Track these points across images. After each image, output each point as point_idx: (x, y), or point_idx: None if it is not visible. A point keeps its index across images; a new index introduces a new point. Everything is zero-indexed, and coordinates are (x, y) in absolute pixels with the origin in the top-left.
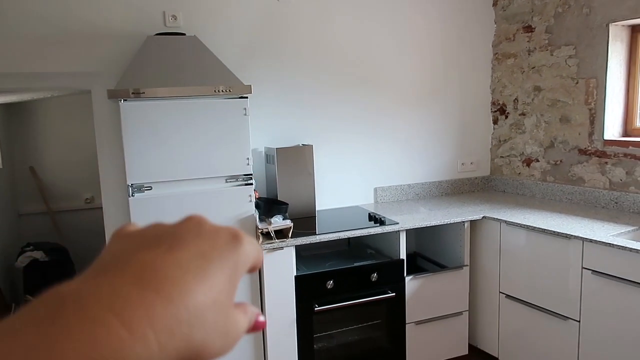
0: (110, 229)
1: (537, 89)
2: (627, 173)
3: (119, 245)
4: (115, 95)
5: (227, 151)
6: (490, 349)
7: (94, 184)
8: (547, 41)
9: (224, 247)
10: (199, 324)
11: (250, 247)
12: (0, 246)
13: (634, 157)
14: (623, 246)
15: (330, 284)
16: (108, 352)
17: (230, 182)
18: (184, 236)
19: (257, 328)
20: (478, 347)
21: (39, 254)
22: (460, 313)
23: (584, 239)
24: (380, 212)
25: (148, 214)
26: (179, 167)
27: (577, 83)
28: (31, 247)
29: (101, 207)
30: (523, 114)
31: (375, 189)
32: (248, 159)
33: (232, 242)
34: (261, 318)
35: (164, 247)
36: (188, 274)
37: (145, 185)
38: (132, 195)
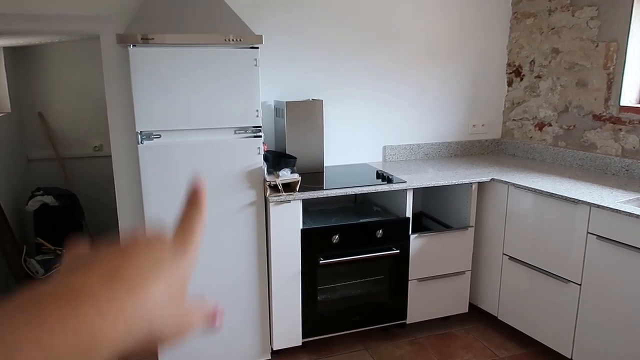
0: (119, 176)
1: (555, 51)
2: None
3: (75, 255)
4: (124, 40)
5: (236, 102)
6: (490, 308)
7: (102, 132)
8: (569, 1)
9: (172, 260)
10: (157, 314)
11: (192, 257)
12: (11, 190)
13: None
14: (630, 212)
15: (335, 238)
16: (86, 334)
17: (239, 133)
18: (135, 248)
19: (214, 320)
20: (478, 306)
21: (48, 199)
22: (462, 272)
23: (591, 204)
24: (388, 171)
25: (157, 163)
26: (188, 116)
27: (597, 46)
28: (41, 191)
29: (109, 156)
30: (539, 77)
31: (384, 148)
32: (257, 110)
33: (177, 255)
34: (217, 311)
35: (120, 254)
36: (146, 275)
37: (154, 133)
38: (141, 143)
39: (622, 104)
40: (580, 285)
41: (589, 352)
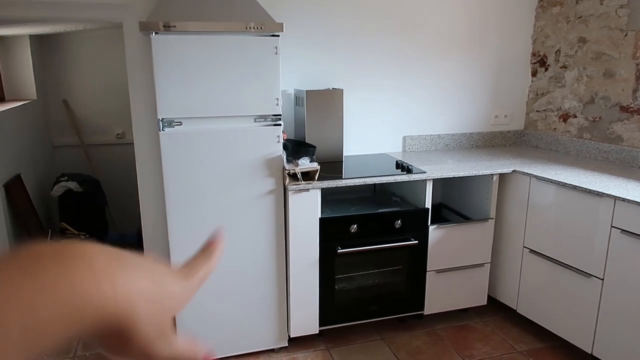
0: (141, 163)
1: (582, 40)
2: None
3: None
4: (147, 27)
5: (256, 90)
6: (509, 301)
7: (125, 120)
8: None
9: (169, 275)
10: (140, 306)
11: (186, 290)
12: (37, 175)
13: None
14: None
15: (354, 228)
16: (77, 296)
17: (259, 121)
18: (143, 258)
19: None
20: (497, 298)
21: (73, 185)
22: (482, 265)
23: (616, 198)
24: (408, 161)
25: (178, 150)
26: (208, 104)
27: (625, 35)
28: (65, 177)
29: (131, 143)
30: (564, 67)
31: (404, 138)
32: (277, 99)
33: (175, 276)
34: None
35: (126, 253)
36: (143, 271)
37: (175, 121)
38: (163, 130)
39: None
40: (602, 279)
41: (610, 348)
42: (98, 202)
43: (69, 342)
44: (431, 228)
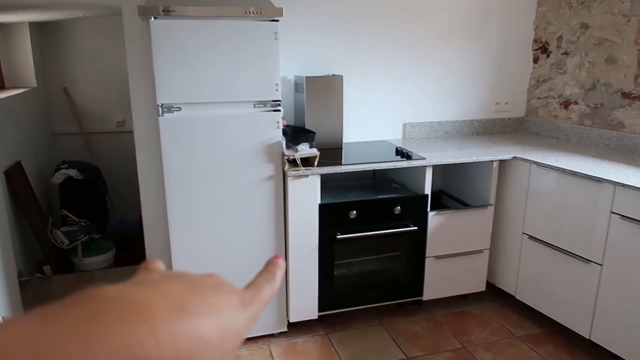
0: (140, 149)
1: (584, 26)
2: None
3: (150, 274)
4: (145, 12)
5: (256, 75)
6: (508, 287)
7: (125, 107)
8: None
9: (236, 307)
10: (199, 354)
11: (253, 315)
12: (38, 163)
13: None
14: None
15: (353, 214)
16: (136, 353)
17: (259, 107)
18: (206, 286)
19: None
20: (496, 285)
21: (73, 172)
22: (481, 251)
23: (616, 183)
24: (408, 148)
25: (177, 136)
26: (208, 89)
27: (629, 21)
28: (66, 165)
29: (131, 131)
30: (566, 53)
31: (404, 125)
32: (277, 84)
33: (241, 306)
34: None
35: (189, 286)
36: (207, 314)
37: (174, 106)
38: (162, 115)
39: None
40: (601, 265)
41: (608, 333)
42: (98, 189)
43: None
44: (430, 214)
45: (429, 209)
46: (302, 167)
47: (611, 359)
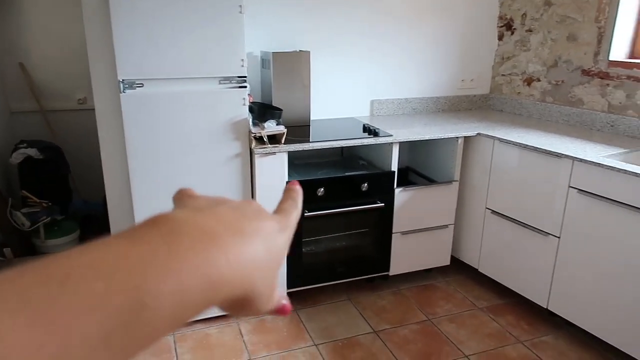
0: (102, 127)
1: (548, 3)
2: (627, 96)
3: (197, 200)
4: None
5: (220, 51)
6: (471, 261)
7: (86, 84)
8: None
9: (277, 231)
10: (250, 279)
11: (288, 237)
12: None
13: (637, 79)
14: (611, 166)
15: (321, 191)
16: (213, 271)
17: (224, 83)
18: (251, 212)
19: (282, 312)
20: (460, 258)
21: (33, 152)
22: (445, 226)
23: (574, 158)
24: (376, 125)
25: (140, 113)
26: (171, 65)
27: None
28: (25, 144)
29: (93, 109)
30: (530, 30)
31: (372, 102)
32: (242, 60)
33: (281, 230)
34: (285, 303)
35: (238, 212)
36: (259, 238)
37: (136, 82)
38: (124, 92)
39: (611, 58)
40: (559, 238)
41: (564, 302)
42: (60, 169)
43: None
44: (397, 191)
45: (395, 186)
46: (269, 145)
47: (567, 326)
